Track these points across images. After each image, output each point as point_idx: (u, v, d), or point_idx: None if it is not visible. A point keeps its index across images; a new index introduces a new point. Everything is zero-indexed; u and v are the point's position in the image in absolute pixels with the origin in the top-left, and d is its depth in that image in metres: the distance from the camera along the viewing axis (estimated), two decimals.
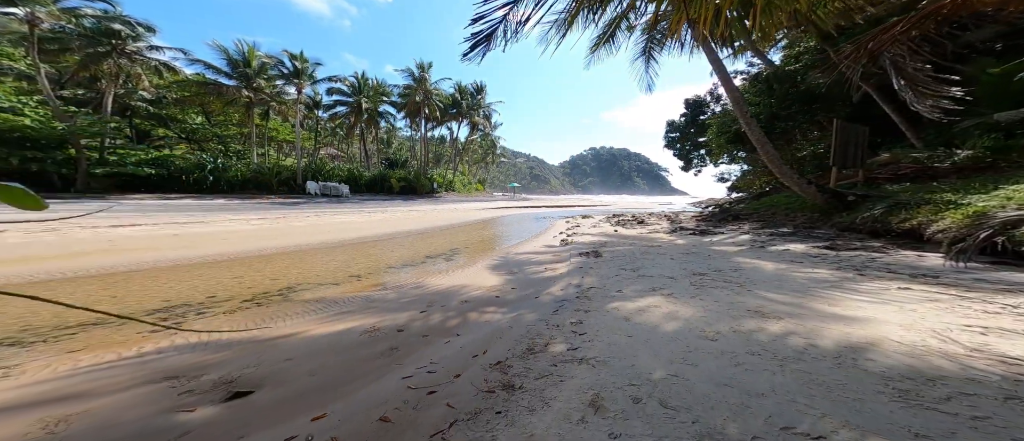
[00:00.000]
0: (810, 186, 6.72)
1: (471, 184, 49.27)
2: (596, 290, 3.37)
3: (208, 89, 22.57)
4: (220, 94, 22.65)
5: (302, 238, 7.48)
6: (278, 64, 25.11)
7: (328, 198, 21.75)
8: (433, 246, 7.56)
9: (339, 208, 15.10)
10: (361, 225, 10.09)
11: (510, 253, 6.60)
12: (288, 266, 5.18)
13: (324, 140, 47.71)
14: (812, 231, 6.11)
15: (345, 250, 6.71)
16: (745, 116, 7.47)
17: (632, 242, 7.12)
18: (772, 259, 4.33)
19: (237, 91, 22.74)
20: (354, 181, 28.89)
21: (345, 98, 33.15)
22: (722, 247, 5.69)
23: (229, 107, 24.29)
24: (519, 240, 8.69)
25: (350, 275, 4.78)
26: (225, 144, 27.55)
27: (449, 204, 23.57)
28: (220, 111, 25.13)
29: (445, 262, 6.03)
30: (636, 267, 4.38)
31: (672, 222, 10.85)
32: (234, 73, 22.91)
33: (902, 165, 7.85)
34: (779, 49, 19.72)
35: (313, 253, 6.26)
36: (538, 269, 5.13)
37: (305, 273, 4.80)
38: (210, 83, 22.61)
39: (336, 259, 5.87)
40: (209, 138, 27.03)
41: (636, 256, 5.36)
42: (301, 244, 6.87)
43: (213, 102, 23.30)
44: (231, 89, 22.70)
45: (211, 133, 27.11)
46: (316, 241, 7.27)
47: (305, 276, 4.63)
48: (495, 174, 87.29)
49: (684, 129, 32.34)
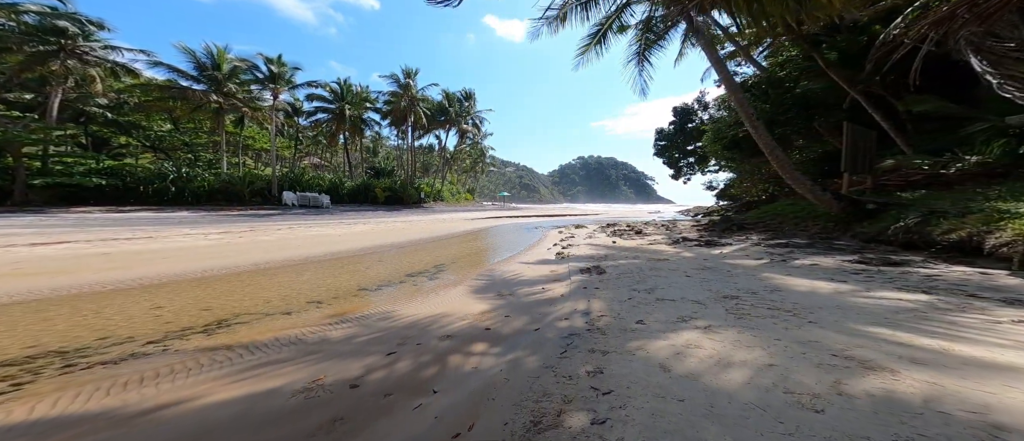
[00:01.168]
0: (825, 194, 6.32)
1: (460, 194, 48.52)
2: (610, 320, 2.73)
3: (172, 93, 21.18)
4: (185, 99, 21.23)
5: (265, 255, 6.64)
6: (252, 68, 24.05)
7: (307, 209, 20.61)
8: (416, 262, 6.82)
9: (317, 220, 14.13)
10: (338, 238, 9.26)
11: (501, 269, 5.93)
12: (234, 290, 4.37)
13: (306, 149, 46.34)
14: (832, 242, 5.65)
15: (314, 268, 5.92)
16: (751, 119, 7.09)
17: (635, 255, 6.54)
18: (805, 276, 3.78)
19: (205, 96, 21.41)
20: (336, 191, 27.75)
21: (327, 105, 32.17)
22: (738, 261, 5.15)
23: (198, 113, 22.96)
24: (511, 253, 8.03)
25: (310, 301, 4.01)
26: (195, 153, 26.12)
27: (437, 214, 22.75)
28: (188, 117, 23.79)
29: (428, 280, 5.31)
30: (650, 287, 3.77)
31: (671, 232, 10.37)
32: (202, 77, 21.63)
33: (911, 172, 7.57)
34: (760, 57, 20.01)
35: (273, 273, 5.45)
36: (534, 289, 4.47)
37: (253, 299, 4.01)
38: (173, 87, 21.24)
39: (299, 280, 5.08)
40: (177, 146, 25.57)
41: (645, 273, 4.76)
42: (262, 262, 6.04)
43: (179, 107, 21.94)
44: (198, 93, 21.34)
45: (180, 141, 25.68)
46: (281, 258, 6.44)
47: (251, 303, 3.85)
48: (484, 183, 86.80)
49: (673, 137, 32.63)
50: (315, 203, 22.82)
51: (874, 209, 5.72)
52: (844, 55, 11.29)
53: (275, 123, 26.12)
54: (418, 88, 35.97)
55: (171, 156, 24.06)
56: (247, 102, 23.91)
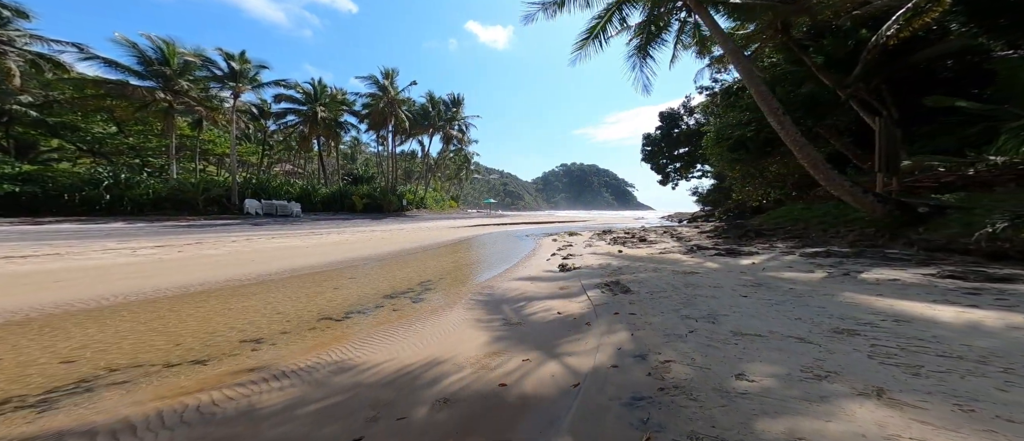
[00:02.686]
0: (867, 196, 5.75)
1: (444, 201, 47.28)
2: (687, 371, 1.86)
3: (110, 90, 18.73)
4: (127, 97, 18.90)
5: (205, 274, 5.46)
6: (208, 64, 21.86)
7: (272, 218, 18.88)
8: (398, 278, 5.79)
9: (283, 230, 12.74)
10: (306, 251, 8.08)
11: (501, 286, 5.01)
12: (136, 327, 3.26)
13: (277, 154, 43.94)
14: (883, 251, 5.01)
15: (266, 290, 4.81)
16: (777, 113, 6.51)
17: (653, 266, 5.74)
18: (904, 296, 3.04)
19: (150, 93, 19.06)
20: (308, 198, 25.94)
21: (298, 106, 30.27)
22: (787, 274, 4.41)
23: (144, 113, 20.66)
24: (507, 265, 7.10)
25: (246, 339, 2.96)
26: (142, 158, 23.76)
27: (420, 222, 21.55)
28: (133, 118, 21.57)
29: (413, 303, 4.32)
30: (707, 312, 2.93)
31: (680, 240, 9.70)
32: (148, 72, 19.42)
33: (943, 173, 7.12)
34: None
35: (208, 298, 4.32)
36: (544, 312, 3.60)
37: (158, 340, 2.92)
38: (111, 83, 18.76)
39: (242, 307, 3.98)
40: (122, 150, 23.17)
41: (682, 290, 3.94)
42: (196, 283, 4.88)
43: (120, 107, 19.68)
44: (141, 91, 18.96)
45: (124, 145, 23.29)
46: (223, 277, 5.29)
47: (151, 347, 2.77)
48: (468, 190, 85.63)
49: (660, 142, 32.73)
50: (283, 212, 21.00)
51: (927, 213, 5.15)
52: (830, 59, 11.16)
53: (235, 124, 23.98)
54: (399, 89, 34.56)
55: (113, 161, 21.63)
56: (203, 101, 21.66)
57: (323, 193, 28.31)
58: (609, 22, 9.59)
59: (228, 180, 23.22)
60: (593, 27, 9.64)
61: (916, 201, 5.58)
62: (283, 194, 24.53)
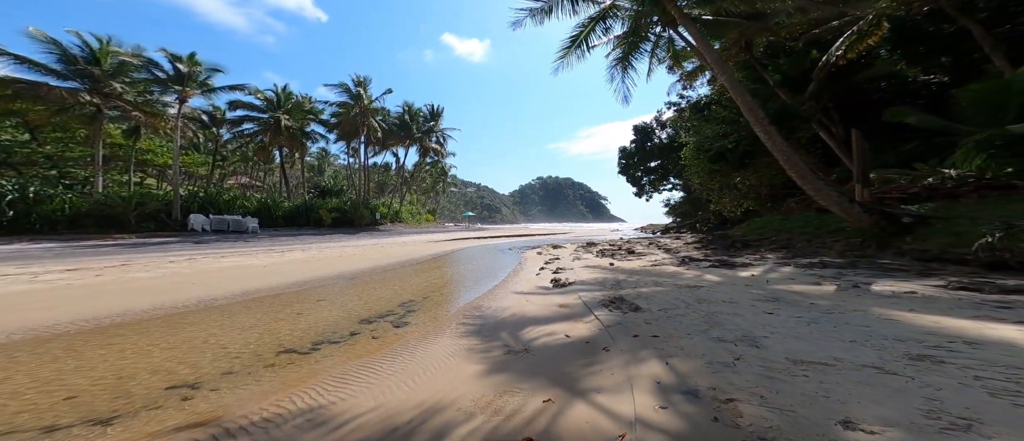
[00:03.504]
0: (853, 206, 5.82)
1: (421, 214, 45.93)
2: (754, 409, 1.50)
3: (19, 91, 16.07)
4: (41, 98, 16.27)
5: (129, 301, 4.60)
6: (150, 66, 19.61)
7: (223, 235, 17.03)
8: (374, 298, 5.16)
9: (236, 248, 11.45)
10: (262, 271, 7.18)
11: (493, 305, 4.53)
12: (9, 375, 2.51)
13: (231, 166, 40.96)
14: (874, 261, 5.00)
15: (208, 319, 4.06)
16: (763, 123, 6.57)
17: (653, 280, 5.46)
18: (940, 311, 2.84)
19: (71, 95, 16.49)
20: (268, 213, 23.77)
21: (257, 114, 28.05)
22: (797, 287, 4.24)
23: (62, 117, 17.96)
24: (494, 281, 6.62)
25: (172, 385, 2.31)
26: (59, 168, 20.49)
27: (396, 237, 20.55)
28: (47, 122, 18.61)
29: (394, 328, 3.75)
30: (741, 333, 2.61)
31: (667, 251, 9.61)
32: (72, 72, 16.96)
33: (906, 185, 7.44)
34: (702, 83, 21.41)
35: (128, 331, 3.55)
36: (549, 335, 3.19)
37: (37, 397, 2.21)
38: (21, 83, 16.05)
39: (169, 341, 3.27)
40: (35, 160, 19.90)
41: (697, 308, 3.65)
42: (115, 314, 4.05)
43: (35, 111, 17.13)
44: (60, 93, 16.29)
45: (37, 154, 20.06)
46: (153, 305, 4.46)
47: (26, 407, 2.06)
48: (445, 204, 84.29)
49: (634, 155, 33.67)
50: (238, 228, 19.02)
51: (910, 223, 5.23)
52: (786, 77, 11.93)
53: (180, 131, 21.33)
54: (372, 98, 33.37)
55: (23, 172, 18.73)
56: (140, 106, 19.30)
57: (286, 207, 26.18)
58: (592, 32, 9.63)
59: (169, 193, 20.69)
60: (577, 35, 9.65)
61: (900, 211, 5.71)
62: (237, 208, 22.23)
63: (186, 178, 36.77)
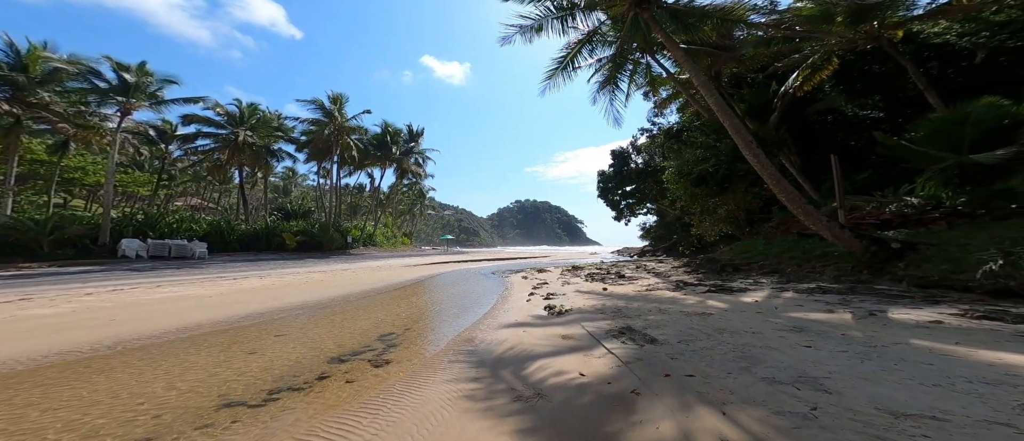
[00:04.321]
0: (844, 231, 5.86)
1: (396, 237, 44.33)
2: None
3: None
4: None
5: (20, 345, 3.75)
6: (90, 74, 17.55)
7: (163, 262, 15.01)
8: (346, 332, 4.50)
9: (177, 276, 9.99)
10: (207, 302, 6.26)
11: (487, 337, 4.03)
12: None
13: (181, 186, 37.74)
14: (872, 287, 4.95)
15: (131, 363, 3.32)
16: (751, 146, 6.65)
17: (657, 307, 5.14)
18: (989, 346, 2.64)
19: None
20: (221, 237, 21.30)
21: (215, 130, 25.72)
22: (814, 315, 4.07)
23: None
24: (481, 309, 6.09)
25: None
26: None
27: (369, 261, 19.41)
28: None
29: (372, 368, 3.17)
30: (794, 373, 2.28)
31: (656, 275, 9.42)
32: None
33: (878, 211, 7.72)
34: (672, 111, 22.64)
35: (21, 383, 2.78)
36: (560, 375, 2.79)
37: None
38: None
39: (74, 395, 2.55)
40: None
41: (712, 335, 3.35)
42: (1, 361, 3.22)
43: None
44: None
45: None
46: (52, 348, 3.63)
47: None
48: (422, 227, 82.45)
49: (612, 179, 34.47)
50: (181, 253, 16.70)
51: (898, 249, 5.28)
52: (751, 107, 12.68)
53: (122, 148, 19.07)
54: (348, 117, 32.31)
55: None
56: (71, 118, 16.93)
57: (242, 230, 23.72)
58: (578, 54, 9.78)
59: (98, 216, 18.15)
60: (564, 57, 9.77)
61: (889, 237, 5.79)
62: (182, 231, 19.69)
63: (124, 199, 33.15)
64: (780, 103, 11.79)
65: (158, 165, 29.92)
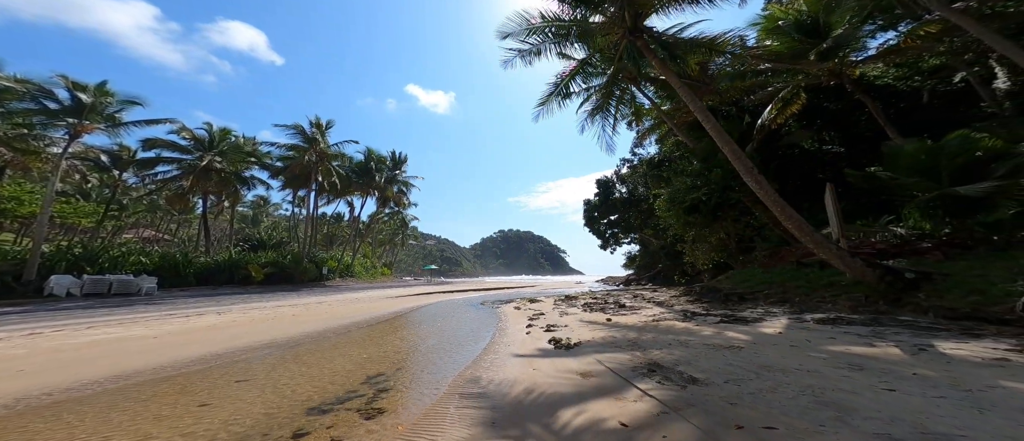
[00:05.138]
0: (855, 260, 5.73)
1: (376, 268, 42.49)
2: None
3: None
4: None
5: None
6: (39, 94, 15.89)
7: (101, 299, 12.83)
8: (326, 375, 3.82)
9: (112, 316, 8.30)
10: (147, 345, 5.32)
11: (493, 377, 3.49)
12: None
13: (134, 217, 35.02)
14: (895, 317, 4.73)
15: (39, 426, 2.57)
16: (752, 172, 6.63)
17: (677, 339, 4.72)
18: None
19: None
20: (176, 271, 19.16)
21: (181, 155, 24.03)
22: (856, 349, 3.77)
23: None
24: (481, 342, 5.48)
25: None
26: None
27: (348, 293, 18.18)
28: None
29: (363, 422, 2.55)
30: (914, 426, 1.85)
31: (659, 305, 9.05)
32: None
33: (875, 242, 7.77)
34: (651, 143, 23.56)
35: None
36: (595, 425, 2.36)
37: None
38: None
39: None
40: None
41: (763, 375, 2.97)
42: None
43: None
44: None
45: None
46: None
47: None
48: (403, 257, 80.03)
49: (598, 208, 34.79)
50: (124, 289, 14.64)
51: (913, 279, 5.16)
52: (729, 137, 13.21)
53: (59, 172, 16.37)
54: (330, 143, 31.40)
55: None
56: (9, 141, 15.26)
57: (201, 263, 21.33)
58: (573, 79, 9.95)
59: (26, 250, 15.68)
60: (558, 83, 9.90)
61: (902, 267, 5.70)
62: (128, 265, 17.40)
63: (64, 232, 30.11)
64: (759, 135, 12.26)
65: (108, 194, 27.37)
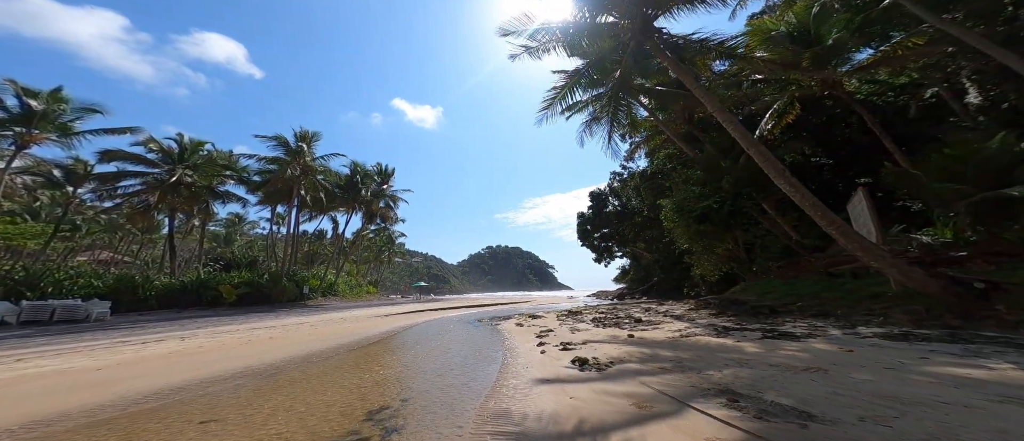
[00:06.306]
0: (913, 268, 5.24)
1: (361, 287, 40.73)
2: None
3: None
4: None
5: None
6: None
7: (41, 327, 11.27)
8: (315, 411, 3.01)
9: (51, 346, 7.03)
10: (90, 380, 4.38)
11: (524, 410, 2.83)
12: None
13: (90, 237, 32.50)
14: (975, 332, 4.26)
15: None
16: (784, 175, 6.26)
17: (731, 358, 4.10)
18: None
19: None
20: (132, 293, 17.48)
21: (146, 169, 22.13)
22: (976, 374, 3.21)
23: None
24: (492, 365, 4.72)
25: None
26: None
27: (332, 313, 16.94)
28: None
29: None
30: None
31: (677, 319, 8.42)
32: None
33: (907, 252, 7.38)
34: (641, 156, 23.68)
35: None
36: None
37: None
38: None
39: None
40: None
41: (886, 404, 2.31)
42: None
43: None
44: None
45: None
46: None
47: None
48: (389, 275, 77.73)
49: (590, 221, 34.51)
50: (70, 316, 13.08)
51: (984, 289, 4.70)
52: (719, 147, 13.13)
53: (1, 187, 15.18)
54: (316, 156, 30.09)
55: None
56: None
57: (163, 284, 19.41)
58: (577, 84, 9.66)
59: None
60: (561, 87, 9.63)
61: (971, 275, 5.24)
62: (77, 289, 15.86)
63: (7, 254, 27.26)
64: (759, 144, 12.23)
65: (59, 212, 24.87)
